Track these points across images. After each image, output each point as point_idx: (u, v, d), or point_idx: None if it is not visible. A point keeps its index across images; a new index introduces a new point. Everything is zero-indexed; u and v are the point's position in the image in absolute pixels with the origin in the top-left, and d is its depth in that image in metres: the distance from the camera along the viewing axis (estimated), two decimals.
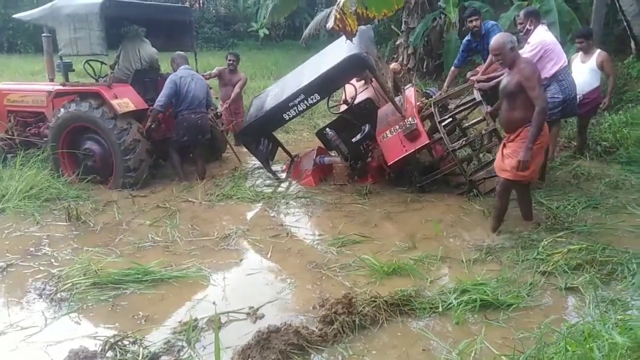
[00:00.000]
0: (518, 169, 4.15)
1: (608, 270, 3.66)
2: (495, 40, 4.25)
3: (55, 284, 3.73)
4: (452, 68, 7.04)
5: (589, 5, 10.48)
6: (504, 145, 4.34)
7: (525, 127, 4.13)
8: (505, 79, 4.26)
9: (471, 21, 6.47)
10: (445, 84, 6.93)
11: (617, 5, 8.93)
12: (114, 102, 5.72)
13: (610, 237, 4.31)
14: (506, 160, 4.27)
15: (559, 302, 3.40)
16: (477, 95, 5.56)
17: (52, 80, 6.76)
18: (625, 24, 9.12)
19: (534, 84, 4.00)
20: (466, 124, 6.26)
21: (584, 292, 3.42)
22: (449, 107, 6.12)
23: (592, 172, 5.96)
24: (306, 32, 18.56)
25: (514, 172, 4.20)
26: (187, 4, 27.16)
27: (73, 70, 6.53)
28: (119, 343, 2.98)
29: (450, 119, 6.00)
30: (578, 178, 5.83)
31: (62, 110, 5.98)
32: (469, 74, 6.86)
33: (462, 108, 5.86)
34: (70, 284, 3.68)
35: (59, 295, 3.58)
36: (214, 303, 3.46)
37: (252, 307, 3.38)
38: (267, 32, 28.48)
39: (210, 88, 6.86)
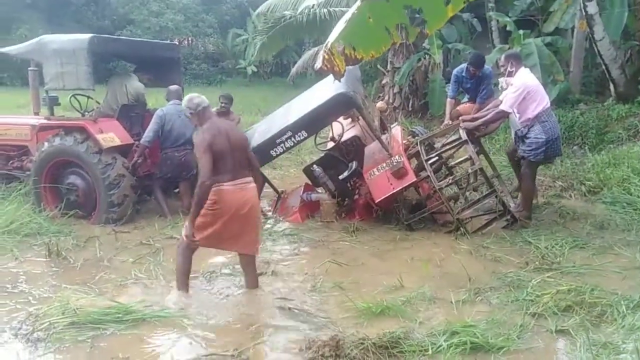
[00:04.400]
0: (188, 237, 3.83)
1: (598, 312, 3.62)
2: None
3: (32, 323, 3.57)
4: (448, 99, 7.05)
5: (569, 49, 10.86)
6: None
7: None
8: None
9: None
10: (446, 117, 6.92)
11: (596, 49, 9.22)
12: (99, 137, 5.67)
13: (598, 277, 4.29)
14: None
15: (549, 345, 3.35)
16: (462, 135, 5.63)
17: (37, 113, 6.71)
18: (604, 67, 9.40)
19: (199, 154, 3.63)
20: (452, 163, 6.31)
21: (575, 335, 3.37)
22: (435, 145, 6.18)
23: (577, 211, 6.00)
24: (294, 70, 18.89)
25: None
26: (175, 41, 27.51)
27: (59, 104, 6.50)
28: None
29: (437, 158, 6.04)
30: (564, 217, 5.86)
31: (46, 144, 5.90)
32: (453, 112, 6.96)
33: (448, 147, 5.92)
34: (47, 323, 3.52)
35: (35, 335, 3.43)
36: (190, 344, 3.35)
37: (237, 349, 3.27)
38: (255, 69, 28.94)
39: None
